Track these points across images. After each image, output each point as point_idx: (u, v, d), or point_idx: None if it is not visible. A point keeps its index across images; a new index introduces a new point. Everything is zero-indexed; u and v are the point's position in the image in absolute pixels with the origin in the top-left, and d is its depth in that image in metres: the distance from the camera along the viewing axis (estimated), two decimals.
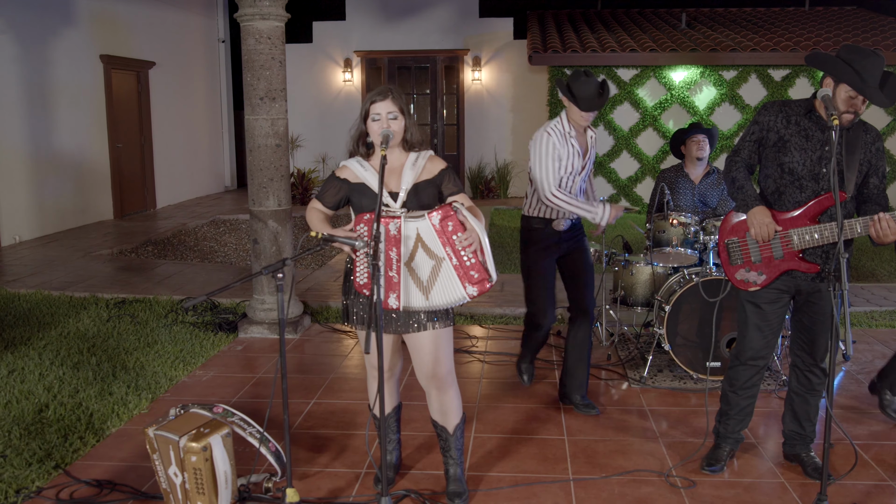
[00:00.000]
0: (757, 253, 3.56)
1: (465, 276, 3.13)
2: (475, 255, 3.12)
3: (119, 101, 11.85)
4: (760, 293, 3.60)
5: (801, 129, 3.49)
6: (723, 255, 3.67)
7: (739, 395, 3.76)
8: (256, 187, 6.05)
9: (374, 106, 3.30)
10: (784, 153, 3.49)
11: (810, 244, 3.46)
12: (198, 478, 3.31)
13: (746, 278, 3.60)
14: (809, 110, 3.51)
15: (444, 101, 15.23)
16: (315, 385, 5.01)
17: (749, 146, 3.62)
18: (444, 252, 3.12)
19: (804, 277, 3.54)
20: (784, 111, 3.54)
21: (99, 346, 5.73)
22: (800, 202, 3.49)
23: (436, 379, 3.41)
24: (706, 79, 13.03)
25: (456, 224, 3.11)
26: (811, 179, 3.47)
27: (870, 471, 3.78)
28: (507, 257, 9.25)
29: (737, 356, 3.74)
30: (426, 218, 3.10)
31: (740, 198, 3.57)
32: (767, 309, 3.61)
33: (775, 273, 3.54)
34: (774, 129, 3.53)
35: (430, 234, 3.12)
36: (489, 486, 3.64)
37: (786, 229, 3.49)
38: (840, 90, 3.38)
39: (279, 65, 5.96)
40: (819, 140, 3.46)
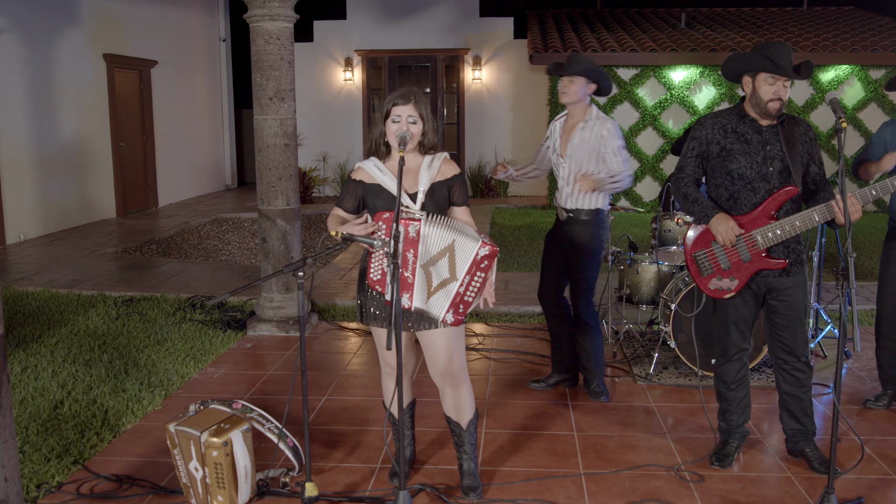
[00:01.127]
0: (725, 259, 3.67)
1: (455, 304, 3.28)
2: (475, 297, 3.29)
3: (121, 99, 11.90)
4: (733, 298, 3.73)
5: (739, 135, 3.63)
6: (692, 268, 3.77)
7: (734, 388, 3.88)
8: (265, 186, 6.11)
9: (396, 108, 3.36)
10: (730, 161, 3.62)
11: (773, 241, 3.58)
12: (218, 472, 3.37)
13: (720, 286, 3.70)
14: (742, 115, 3.65)
15: (444, 100, 15.29)
16: (326, 382, 5.08)
17: (692, 162, 3.76)
18: (462, 277, 3.23)
19: (773, 274, 3.66)
20: (718, 122, 3.69)
21: (110, 343, 5.79)
22: (755, 203, 3.62)
23: (450, 376, 3.48)
24: (705, 78, 13.11)
25: (488, 266, 3.26)
26: (761, 180, 3.60)
27: (874, 465, 3.86)
28: (510, 255, 9.32)
29: (722, 355, 3.87)
30: (477, 244, 3.21)
31: (698, 210, 3.69)
32: (742, 306, 3.76)
33: (746, 276, 3.66)
34: (714, 140, 3.67)
35: (467, 256, 3.21)
36: (502, 481, 3.71)
37: (748, 231, 3.59)
38: (759, 80, 3.54)
39: (288, 65, 6.03)
40: (758, 142, 3.61)
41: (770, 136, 3.60)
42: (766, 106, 3.54)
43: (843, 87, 12.96)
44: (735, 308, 3.77)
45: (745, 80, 3.61)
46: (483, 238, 3.25)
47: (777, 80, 3.51)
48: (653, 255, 5.46)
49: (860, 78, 12.92)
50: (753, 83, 3.57)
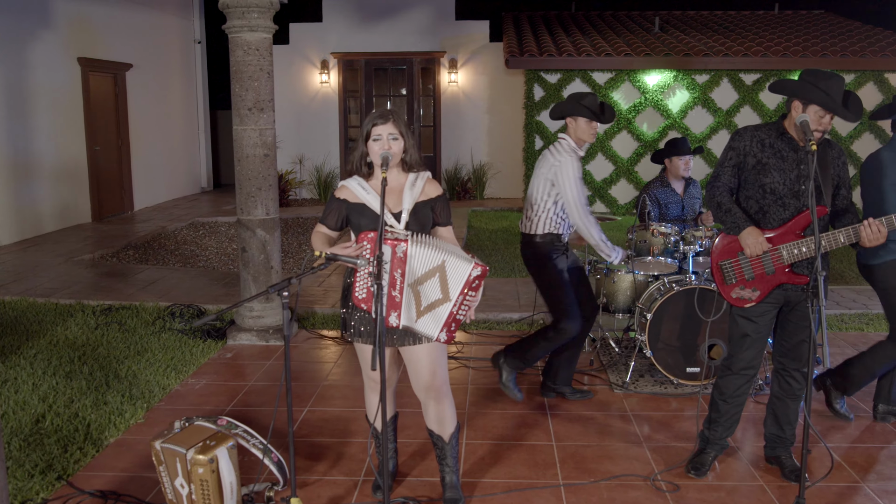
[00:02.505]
0: (750, 270, 3.75)
1: (448, 323, 3.35)
2: (466, 315, 3.37)
3: (96, 103, 11.84)
4: (754, 308, 3.79)
5: (776, 151, 3.70)
6: (717, 276, 3.85)
7: (729, 403, 3.95)
8: (245, 196, 6.14)
9: (376, 128, 3.42)
10: (764, 175, 3.69)
11: (798, 258, 3.67)
12: (204, 489, 3.42)
13: (741, 296, 3.79)
14: (781, 132, 3.72)
15: (420, 102, 15.34)
16: (307, 393, 5.13)
17: (728, 171, 3.82)
18: (456, 297, 3.29)
19: (794, 289, 3.75)
20: (757, 136, 3.76)
21: (90, 354, 5.80)
22: (784, 219, 3.70)
23: (433, 390, 3.55)
24: (679, 82, 13.27)
25: (478, 286, 3.32)
26: (792, 197, 3.68)
27: (843, 473, 3.98)
28: (487, 260, 9.39)
29: (728, 367, 3.92)
30: (470, 266, 3.27)
31: (730, 220, 3.77)
32: (759, 321, 3.82)
33: (768, 288, 3.74)
34: (751, 153, 3.74)
35: (461, 276, 3.27)
36: (483, 493, 3.79)
37: (775, 245, 3.69)
38: (810, 111, 3.60)
39: (267, 76, 6.06)
40: (793, 160, 3.67)
41: (805, 156, 3.66)
42: (812, 133, 3.56)
43: None
44: (751, 321, 3.82)
45: (794, 104, 3.65)
46: (475, 259, 3.31)
47: (826, 114, 3.58)
48: (629, 264, 5.56)
49: None
50: (804, 110, 3.62)
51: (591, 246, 4.81)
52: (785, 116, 3.75)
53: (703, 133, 13.34)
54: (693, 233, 5.38)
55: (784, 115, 3.76)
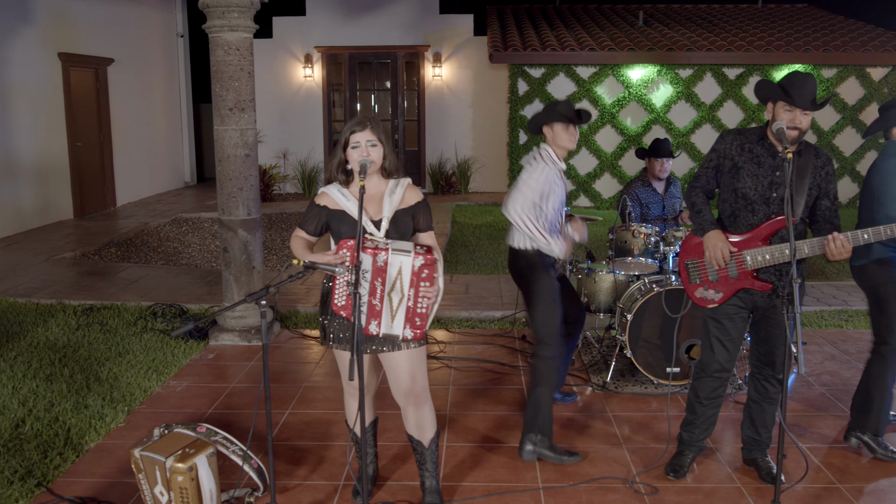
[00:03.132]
0: (714, 272, 3.79)
1: (410, 318, 3.34)
2: (428, 307, 3.35)
3: (77, 98, 11.75)
4: (720, 309, 3.83)
5: (754, 155, 3.72)
6: (683, 274, 3.89)
7: (705, 404, 3.98)
8: (226, 197, 6.12)
9: (354, 135, 3.41)
10: (738, 179, 3.73)
11: (762, 264, 3.69)
12: (184, 497, 3.42)
13: (705, 296, 3.82)
14: (762, 137, 3.73)
15: (404, 96, 15.31)
16: (289, 395, 5.13)
17: (707, 173, 3.87)
18: (408, 292, 3.29)
19: (760, 295, 3.77)
20: (739, 139, 3.77)
21: (70, 356, 5.77)
22: (752, 224, 3.72)
23: (412, 396, 3.56)
24: (663, 77, 13.30)
25: (430, 275, 3.30)
26: (763, 203, 3.70)
27: (819, 474, 4.02)
28: (470, 257, 9.40)
29: (702, 369, 3.96)
30: (411, 257, 3.25)
31: (697, 222, 3.81)
32: (728, 324, 3.84)
33: (731, 291, 3.77)
34: (730, 156, 3.77)
35: (407, 271, 3.27)
36: (463, 497, 3.81)
37: (740, 250, 3.71)
38: (777, 108, 3.63)
39: (248, 76, 6.03)
40: (770, 166, 3.69)
41: (781, 162, 3.68)
42: (786, 133, 3.58)
43: None
44: (719, 322, 3.85)
45: (768, 105, 3.70)
46: (417, 249, 3.30)
47: (794, 110, 3.58)
48: (609, 265, 5.58)
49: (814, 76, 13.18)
50: (774, 110, 3.66)
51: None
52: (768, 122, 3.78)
53: (686, 127, 13.39)
54: (673, 233, 5.41)
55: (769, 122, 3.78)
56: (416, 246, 3.32)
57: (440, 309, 6.97)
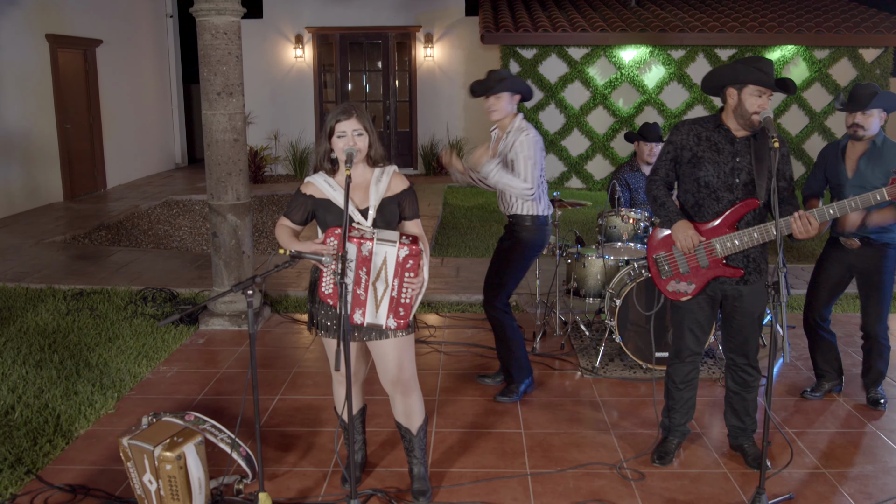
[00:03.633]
0: (685, 264, 3.80)
1: (394, 308, 3.35)
2: (412, 298, 3.35)
3: (66, 80, 11.66)
4: (689, 301, 3.86)
5: (712, 143, 3.72)
6: (653, 269, 3.91)
7: (681, 388, 4.02)
8: (215, 182, 6.09)
9: (340, 124, 3.40)
10: (699, 168, 3.73)
11: (732, 251, 3.71)
12: (172, 485, 3.43)
13: (677, 289, 3.84)
14: (718, 124, 3.74)
15: (396, 77, 15.24)
16: (279, 380, 5.14)
17: (666, 165, 3.86)
18: (392, 282, 3.29)
19: (729, 282, 3.79)
20: (695, 129, 3.77)
21: (60, 342, 5.77)
22: (718, 212, 3.73)
23: (400, 384, 3.57)
24: (655, 58, 13.26)
25: (415, 265, 3.30)
26: (726, 190, 3.71)
27: (805, 459, 4.05)
28: (462, 239, 9.40)
29: (675, 355, 4.00)
30: (396, 247, 3.25)
31: (663, 214, 3.81)
32: (699, 313, 3.89)
33: (703, 281, 3.79)
34: (688, 146, 3.77)
35: (392, 261, 3.27)
36: (451, 483, 3.83)
37: (708, 239, 3.72)
38: (745, 93, 3.60)
39: (236, 59, 5.99)
40: (730, 152, 3.70)
41: (742, 147, 3.69)
42: (751, 118, 3.60)
43: (788, 66, 13.21)
44: (691, 312, 3.90)
45: (729, 91, 3.66)
46: (402, 239, 3.30)
47: (763, 94, 3.59)
48: (599, 249, 5.59)
49: (805, 58, 13.17)
50: (739, 95, 3.62)
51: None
52: (723, 109, 3.77)
53: (678, 109, 13.37)
54: None
55: (722, 109, 3.77)
56: (402, 236, 3.32)
57: (430, 292, 6.98)
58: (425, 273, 3.41)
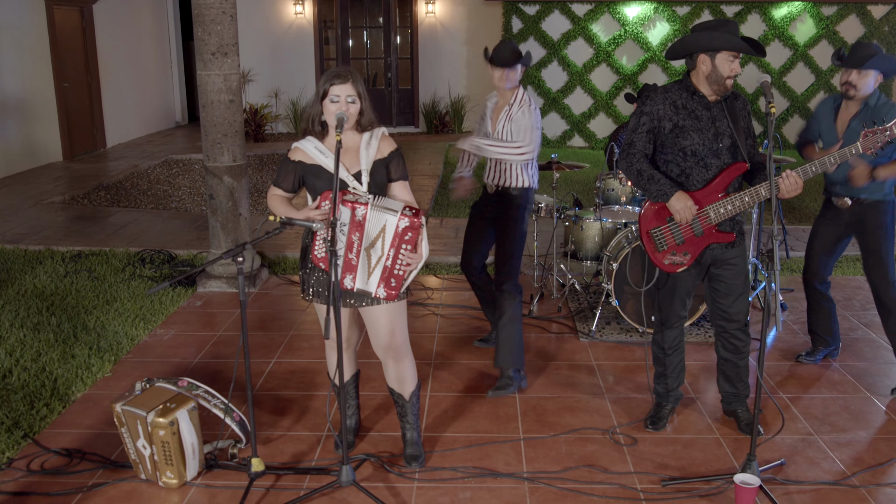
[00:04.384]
0: (680, 235, 3.76)
1: (386, 278, 3.33)
2: (405, 271, 3.34)
3: (63, 38, 11.53)
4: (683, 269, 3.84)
5: (690, 111, 3.67)
6: (648, 244, 3.85)
7: (670, 354, 4.03)
8: (211, 143, 6.05)
9: (334, 88, 3.35)
10: (683, 138, 3.67)
11: (725, 216, 3.68)
12: (166, 450, 3.45)
13: (673, 261, 3.81)
14: (692, 91, 3.68)
15: (397, 33, 15.05)
16: (275, 343, 5.15)
17: (643, 137, 3.76)
18: (388, 251, 3.27)
19: (720, 247, 3.78)
20: (669, 98, 3.70)
21: (58, 304, 5.78)
22: (707, 179, 3.70)
23: (392, 350, 3.57)
24: (660, 14, 13.07)
25: (413, 238, 3.28)
26: (713, 156, 3.68)
27: (798, 424, 4.06)
28: (463, 200, 9.34)
29: (662, 322, 4.01)
30: (397, 217, 3.23)
31: (654, 188, 3.71)
32: (688, 280, 3.89)
33: (698, 250, 3.77)
34: (667, 117, 3.70)
35: (391, 231, 3.25)
36: (444, 447, 3.85)
37: (702, 207, 3.69)
38: (719, 58, 3.57)
39: (230, 19, 5.91)
40: (708, 118, 3.67)
41: (717, 112, 3.66)
42: (726, 82, 3.57)
43: (795, 23, 13.01)
44: (682, 280, 3.88)
45: (701, 58, 3.60)
46: (405, 210, 3.28)
47: (736, 58, 3.56)
48: (597, 212, 5.55)
49: (812, 14, 12.97)
50: (713, 61, 3.57)
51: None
52: (688, 74, 3.71)
53: (682, 67, 13.09)
54: None
55: (688, 74, 3.71)
56: (406, 207, 3.30)
57: (429, 254, 6.95)
58: (424, 249, 3.39)
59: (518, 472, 3.62)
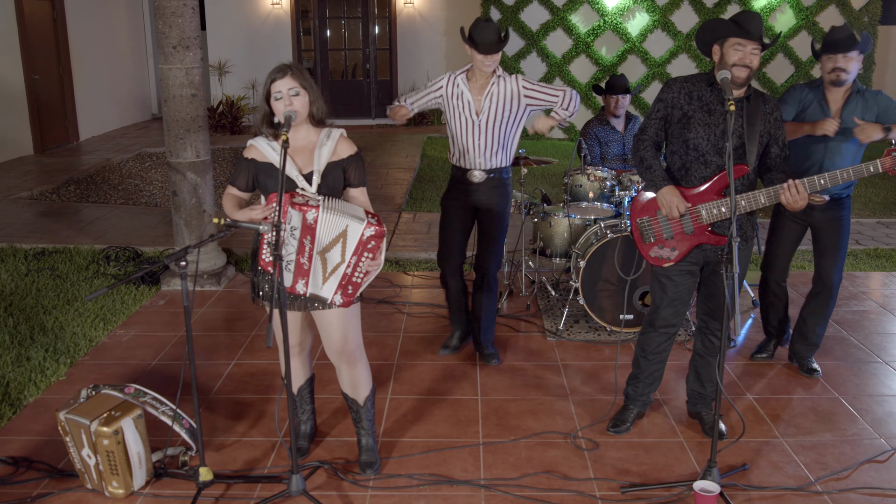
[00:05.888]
0: (668, 229, 3.66)
1: (343, 285, 3.23)
2: (363, 279, 3.24)
3: (33, 29, 11.32)
4: (673, 268, 3.72)
5: (704, 104, 3.54)
6: (636, 234, 3.75)
7: (650, 359, 3.91)
8: (173, 138, 5.92)
9: (275, 84, 3.25)
10: (688, 130, 3.55)
11: (718, 218, 3.56)
12: (111, 460, 3.35)
13: (660, 255, 3.70)
14: (711, 83, 3.56)
15: (375, 24, 14.89)
16: (237, 343, 5.04)
17: (655, 124, 3.67)
18: (349, 258, 3.16)
19: (713, 249, 3.65)
20: (686, 87, 3.59)
21: (17, 304, 5.64)
22: (706, 177, 3.57)
23: (345, 354, 3.48)
24: (639, 5, 12.96)
25: (375, 247, 3.19)
26: (715, 154, 3.54)
27: (763, 426, 3.99)
28: (437, 193, 9.23)
29: (650, 324, 3.87)
30: (362, 225, 3.13)
31: (649, 177, 3.64)
32: (679, 281, 3.73)
33: (687, 248, 3.65)
34: (678, 105, 3.58)
35: (354, 238, 3.14)
36: (402, 453, 3.75)
37: (694, 205, 3.58)
38: (727, 46, 3.46)
39: (192, 11, 5.77)
40: (721, 114, 3.52)
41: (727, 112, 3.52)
42: (732, 70, 3.42)
43: (774, 14, 12.94)
44: (673, 283, 3.74)
45: (714, 48, 3.52)
46: (370, 218, 3.19)
47: (746, 46, 3.41)
48: (565, 209, 5.46)
49: (792, 5, 12.90)
50: (722, 50, 3.48)
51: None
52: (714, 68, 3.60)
53: (662, 57, 13.11)
54: (630, 176, 5.28)
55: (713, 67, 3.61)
56: (369, 215, 3.20)
57: (399, 250, 6.87)
58: (382, 257, 3.30)
59: (475, 479, 3.53)
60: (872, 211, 8.54)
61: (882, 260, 6.75)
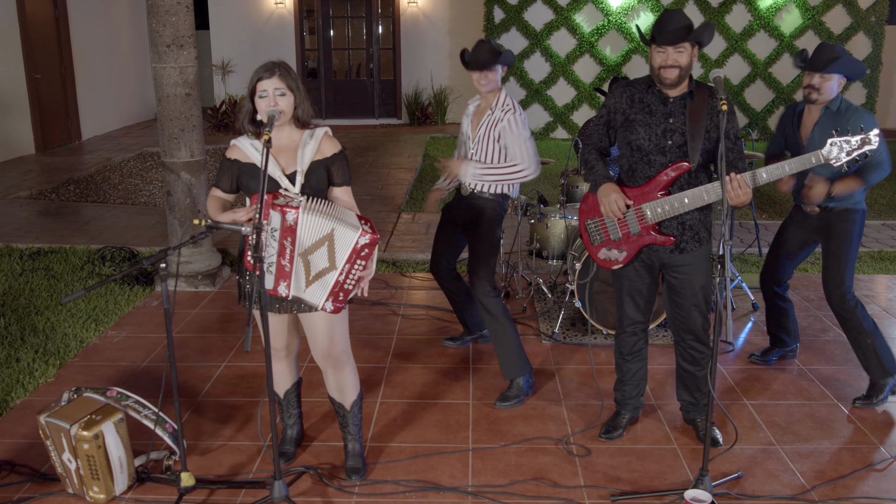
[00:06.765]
0: (616, 230, 3.60)
1: (335, 292, 3.16)
2: (355, 285, 3.19)
3: (34, 29, 11.30)
4: (626, 269, 3.67)
5: (644, 105, 3.51)
6: (584, 236, 3.71)
7: (629, 360, 3.86)
8: (167, 138, 5.87)
9: (262, 83, 3.20)
10: (631, 132, 3.52)
11: (662, 216, 3.50)
12: (91, 464, 3.29)
13: (608, 257, 3.64)
14: (649, 85, 3.52)
15: (379, 23, 14.84)
16: (228, 345, 4.98)
17: (598, 130, 3.65)
18: (342, 265, 3.10)
19: (665, 250, 3.59)
20: (628, 90, 3.56)
21: (9, 304, 5.60)
22: (649, 176, 3.52)
23: (331, 358, 3.42)
24: (644, 4, 12.87)
25: (368, 255, 3.13)
26: (658, 153, 3.49)
27: (759, 434, 3.90)
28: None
29: (619, 324, 3.84)
30: (357, 233, 3.06)
31: (591, 178, 3.62)
32: (637, 280, 3.69)
33: (635, 249, 3.60)
34: (620, 110, 3.56)
35: (347, 244, 3.08)
36: (389, 459, 3.69)
37: (638, 204, 3.52)
38: (651, 52, 3.44)
39: (186, 9, 5.71)
40: (662, 113, 3.48)
41: (675, 107, 3.45)
42: (658, 73, 3.41)
43: (780, 13, 12.83)
44: (629, 279, 3.72)
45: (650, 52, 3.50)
46: (364, 226, 3.12)
47: (666, 49, 3.37)
48: (561, 210, 5.39)
49: (798, 4, 12.79)
50: (650, 55, 3.45)
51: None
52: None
53: None
54: None
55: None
56: (363, 221, 3.15)
57: (396, 251, 6.80)
58: (373, 265, 3.25)
59: (462, 486, 3.46)
60: (877, 213, 8.43)
61: (886, 262, 6.65)
